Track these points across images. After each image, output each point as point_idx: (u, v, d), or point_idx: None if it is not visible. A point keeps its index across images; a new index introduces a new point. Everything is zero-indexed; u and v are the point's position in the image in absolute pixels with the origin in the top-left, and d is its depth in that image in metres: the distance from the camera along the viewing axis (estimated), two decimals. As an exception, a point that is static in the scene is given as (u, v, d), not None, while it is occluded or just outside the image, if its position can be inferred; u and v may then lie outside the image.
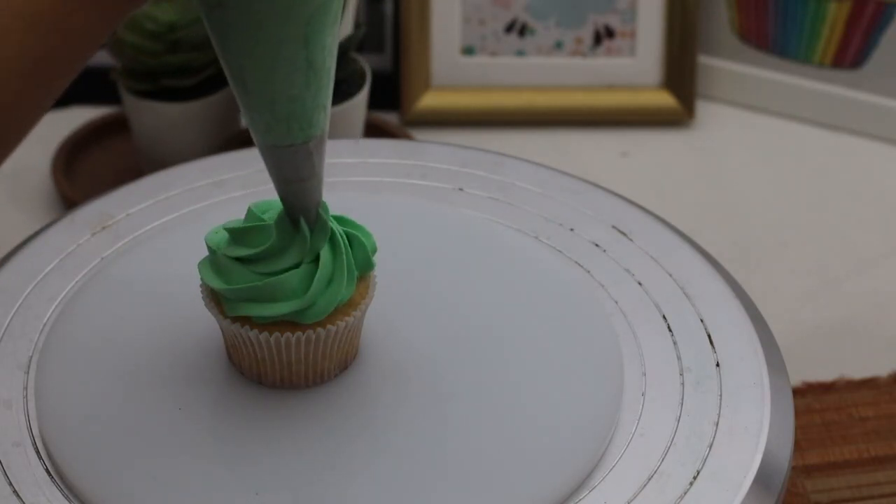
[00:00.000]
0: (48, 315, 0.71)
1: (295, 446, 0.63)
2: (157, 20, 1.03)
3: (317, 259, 0.63)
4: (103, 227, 0.77)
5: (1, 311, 0.71)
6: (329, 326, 0.64)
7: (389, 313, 0.69)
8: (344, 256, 0.63)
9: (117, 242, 0.76)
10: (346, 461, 0.62)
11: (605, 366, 0.67)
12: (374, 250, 0.65)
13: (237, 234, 0.64)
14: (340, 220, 0.65)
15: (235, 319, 0.63)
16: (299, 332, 0.63)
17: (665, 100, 1.22)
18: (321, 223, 0.63)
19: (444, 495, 0.61)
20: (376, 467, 0.62)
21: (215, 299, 0.64)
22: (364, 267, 0.65)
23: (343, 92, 1.03)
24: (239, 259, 0.63)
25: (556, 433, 0.64)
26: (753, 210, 1.13)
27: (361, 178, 0.80)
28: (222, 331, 0.66)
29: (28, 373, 0.68)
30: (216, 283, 0.63)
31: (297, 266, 0.63)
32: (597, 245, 0.75)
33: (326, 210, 0.63)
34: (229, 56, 0.58)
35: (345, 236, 0.64)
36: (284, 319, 0.63)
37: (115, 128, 1.13)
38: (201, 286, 0.65)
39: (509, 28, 1.21)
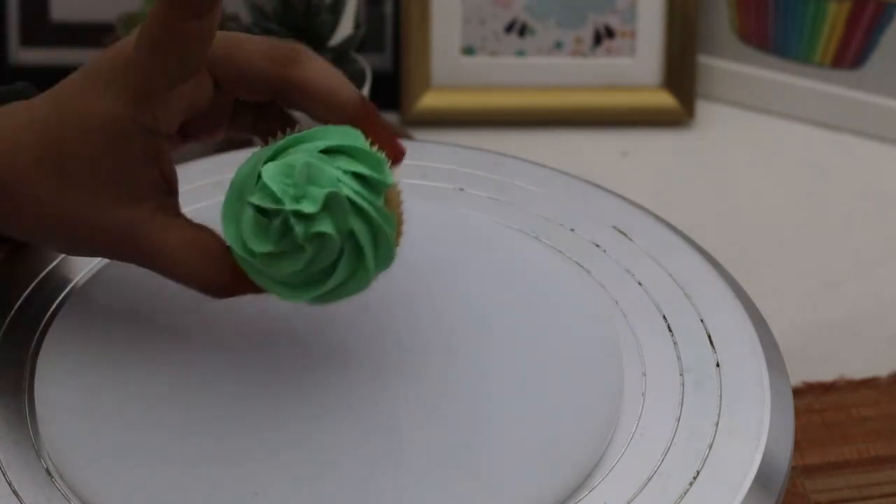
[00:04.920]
0: (48, 315, 0.71)
1: (294, 446, 0.63)
2: (157, 20, 1.02)
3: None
4: (103, 227, 0.77)
5: (1, 311, 0.71)
6: None
7: (388, 313, 0.69)
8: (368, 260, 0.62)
9: (117, 242, 0.76)
10: (345, 461, 0.62)
11: (605, 366, 0.67)
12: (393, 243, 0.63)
13: (269, 257, 0.61)
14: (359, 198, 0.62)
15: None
16: None
17: (665, 100, 1.22)
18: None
19: (444, 495, 0.61)
20: (375, 467, 0.62)
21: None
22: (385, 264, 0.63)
23: (343, 92, 1.03)
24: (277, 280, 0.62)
25: (556, 433, 0.64)
26: (753, 210, 1.13)
27: (361, 178, 0.80)
28: None
29: (27, 372, 0.68)
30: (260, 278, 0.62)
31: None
32: (597, 245, 0.75)
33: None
34: None
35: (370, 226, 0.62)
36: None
37: (115, 128, 1.13)
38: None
39: (509, 28, 1.22)
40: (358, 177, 0.61)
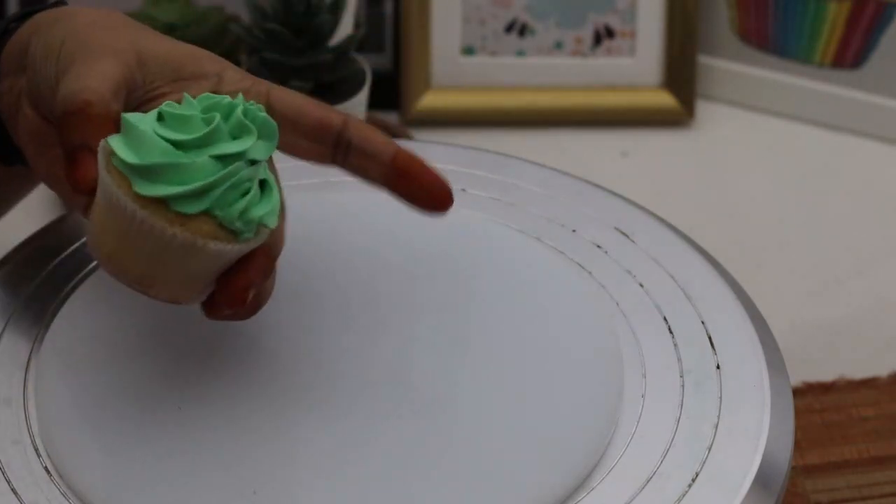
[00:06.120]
0: (48, 315, 0.71)
1: (293, 446, 0.63)
2: (157, 20, 1.03)
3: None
4: (103, 227, 0.76)
5: (1, 311, 0.71)
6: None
7: (388, 313, 0.69)
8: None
9: (117, 242, 0.75)
10: (344, 461, 0.62)
11: (605, 367, 0.67)
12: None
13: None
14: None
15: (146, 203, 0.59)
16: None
17: (665, 100, 1.22)
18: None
19: (443, 496, 0.61)
20: (375, 468, 0.62)
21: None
22: None
23: (343, 92, 1.03)
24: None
25: (556, 434, 0.64)
26: (753, 210, 1.13)
27: (362, 178, 0.80)
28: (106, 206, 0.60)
29: (27, 371, 0.68)
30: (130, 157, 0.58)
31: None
32: (598, 246, 0.75)
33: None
34: None
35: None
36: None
37: (115, 127, 1.13)
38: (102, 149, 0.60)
39: (509, 28, 1.22)
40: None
